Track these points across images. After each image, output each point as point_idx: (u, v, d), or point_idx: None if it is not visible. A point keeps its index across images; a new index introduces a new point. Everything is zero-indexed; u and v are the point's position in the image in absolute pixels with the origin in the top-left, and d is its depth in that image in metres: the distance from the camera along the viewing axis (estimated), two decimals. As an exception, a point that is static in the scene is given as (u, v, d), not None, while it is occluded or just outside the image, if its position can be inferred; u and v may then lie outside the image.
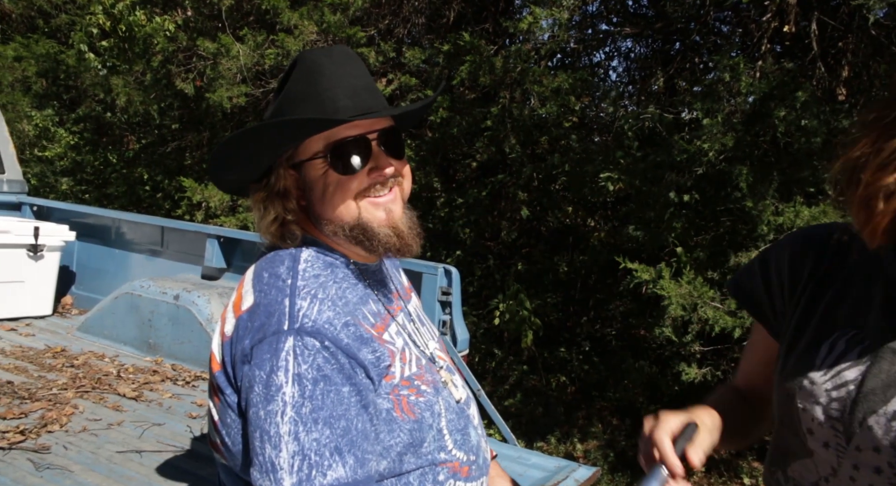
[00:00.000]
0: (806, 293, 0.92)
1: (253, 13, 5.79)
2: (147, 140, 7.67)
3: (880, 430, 0.79)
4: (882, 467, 0.79)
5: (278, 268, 1.03)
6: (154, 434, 2.40)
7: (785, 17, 4.07)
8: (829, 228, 0.95)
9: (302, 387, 0.90)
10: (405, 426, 1.00)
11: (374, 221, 1.04)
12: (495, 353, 5.78)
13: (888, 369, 0.80)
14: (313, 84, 1.04)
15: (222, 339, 1.02)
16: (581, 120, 5.36)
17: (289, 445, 0.88)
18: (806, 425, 0.86)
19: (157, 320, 3.25)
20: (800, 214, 3.31)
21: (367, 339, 0.98)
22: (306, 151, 1.04)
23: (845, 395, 0.83)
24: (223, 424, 1.00)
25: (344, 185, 1.03)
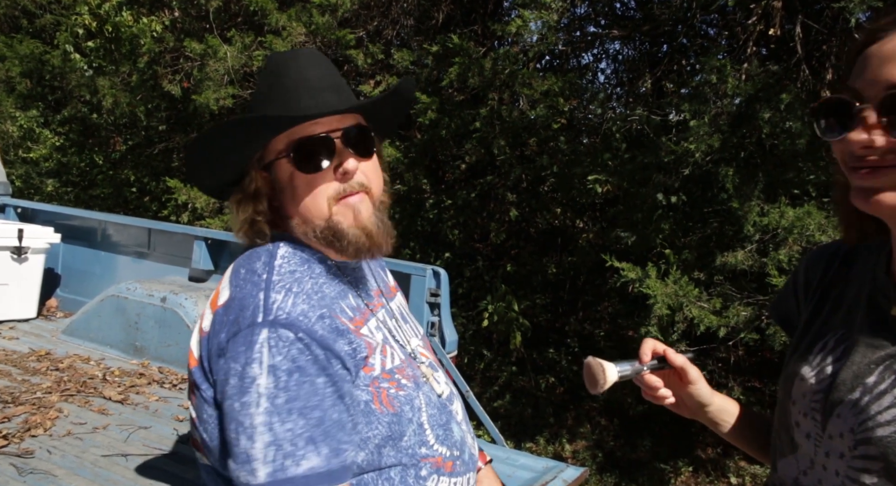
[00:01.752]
0: (813, 301, 0.98)
1: (241, 14, 5.77)
2: (134, 141, 7.62)
3: (845, 416, 0.84)
4: (844, 452, 0.83)
5: (255, 263, 1.04)
6: (140, 438, 2.38)
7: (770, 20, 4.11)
8: (841, 243, 1.00)
9: (276, 378, 0.90)
10: (384, 418, 1.00)
11: (343, 222, 1.05)
12: (484, 354, 5.79)
13: (859, 361, 0.85)
14: (277, 85, 1.05)
15: (200, 335, 1.03)
16: (569, 122, 5.38)
17: (263, 435, 0.89)
18: (794, 418, 0.91)
19: (143, 323, 3.22)
20: (784, 215, 3.34)
21: (342, 331, 0.98)
22: (272, 151, 1.06)
23: (824, 387, 0.88)
24: (201, 420, 1.00)
25: (311, 184, 1.03)
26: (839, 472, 0.84)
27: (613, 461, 4.88)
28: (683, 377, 1.04)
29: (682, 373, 1.04)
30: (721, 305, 3.70)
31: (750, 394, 4.67)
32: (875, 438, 0.79)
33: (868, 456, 0.80)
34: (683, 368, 1.03)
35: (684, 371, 1.03)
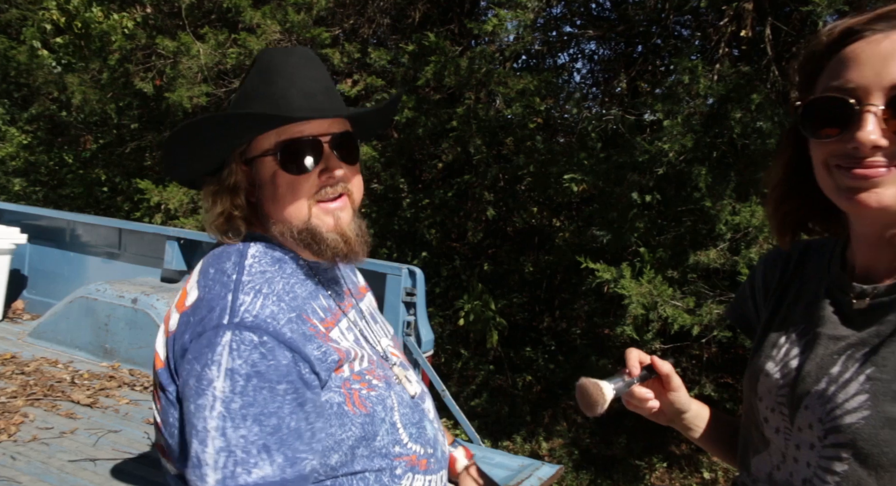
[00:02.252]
0: (772, 300, 1.00)
1: (214, 11, 5.69)
2: (105, 140, 7.47)
3: (813, 407, 0.85)
4: (814, 442, 0.85)
5: (224, 263, 1.03)
6: (110, 442, 2.33)
7: (742, 21, 4.17)
8: (795, 244, 1.02)
9: (233, 382, 0.89)
10: (357, 419, 0.99)
11: (322, 226, 1.04)
12: (461, 353, 5.79)
13: (822, 353, 0.87)
14: (269, 83, 1.04)
15: (166, 336, 1.01)
16: (545, 121, 5.41)
17: (215, 440, 0.87)
18: (763, 414, 0.93)
19: (113, 325, 3.16)
20: (755, 213, 3.39)
21: (311, 336, 0.97)
22: (258, 147, 1.04)
23: (789, 381, 0.90)
24: (166, 424, 0.99)
25: (294, 186, 1.02)
26: (811, 463, 0.85)
27: (589, 458, 4.92)
28: (667, 385, 1.04)
29: (667, 381, 1.03)
30: (694, 303, 3.75)
31: (722, 390, 4.74)
32: (844, 425, 0.81)
33: (838, 444, 0.81)
34: (669, 375, 1.03)
35: (669, 379, 1.03)
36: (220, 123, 1.02)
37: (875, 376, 0.80)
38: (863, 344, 0.83)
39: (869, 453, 0.79)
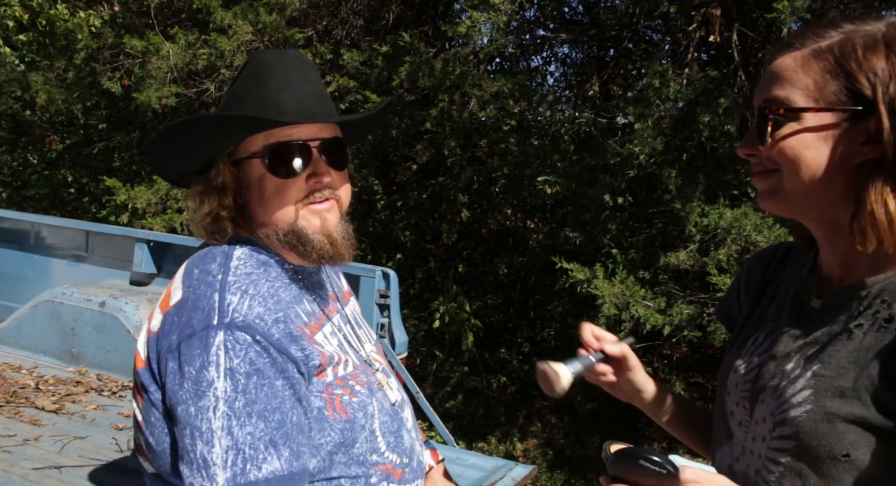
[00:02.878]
0: (751, 299, 1.05)
1: (185, 11, 5.60)
2: (71, 140, 7.31)
3: (767, 402, 0.90)
4: (765, 435, 0.89)
5: (210, 264, 1.02)
6: (76, 448, 2.28)
7: (710, 27, 4.26)
8: (779, 245, 1.08)
9: (234, 381, 0.89)
10: (336, 425, 0.99)
11: (309, 228, 1.04)
12: (436, 355, 5.79)
13: (782, 350, 0.91)
14: (261, 84, 1.04)
15: (147, 335, 1.00)
16: (519, 123, 5.44)
17: (222, 440, 0.87)
18: (729, 408, 0.97)
19: (80, 329, 3.09)
20: (723, 215, 3.46)
21: (296, 337, 0.97)
22: (246, 149, 1.04)
23: (752, 377, 0.94)
24: (147, 423, 0.98)
25: (282, 189, 1.02)
26: (761, 454, 0.89)
27: (563, 459, 4.95)
28: (623, 365, 1.09)
29: (623, 361, 1.09)
30: (665, 303, 3.81)
31: (693, 389, 4.82)
32: (789, 418, 0.85)
33: (783, 437, 0.86)
34: (624, 356, 1.08)
35: (625, 359, 1.08)
36: (210, 123, 1.02)
37: (820, 373, 0.84)
38: (815, 342, 0.88)
39: (809, 445, 0.83)
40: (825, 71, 0.82)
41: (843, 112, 0.81)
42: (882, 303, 0.83)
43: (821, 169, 0.83)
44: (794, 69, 0.85)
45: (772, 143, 0.85)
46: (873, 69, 0.79)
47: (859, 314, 0.84)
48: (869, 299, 0.84)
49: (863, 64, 0.80)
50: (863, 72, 0.80)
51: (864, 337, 0.83)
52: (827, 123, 0.82)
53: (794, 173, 0.85)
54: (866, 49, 0.81)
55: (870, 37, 0.82)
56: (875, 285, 0.84)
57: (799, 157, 0.84)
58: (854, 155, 0.82)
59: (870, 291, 0.84)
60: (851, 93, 0.81)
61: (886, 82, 0.79)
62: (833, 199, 0.84)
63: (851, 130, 0.81)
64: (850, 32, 0.83)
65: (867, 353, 0.81)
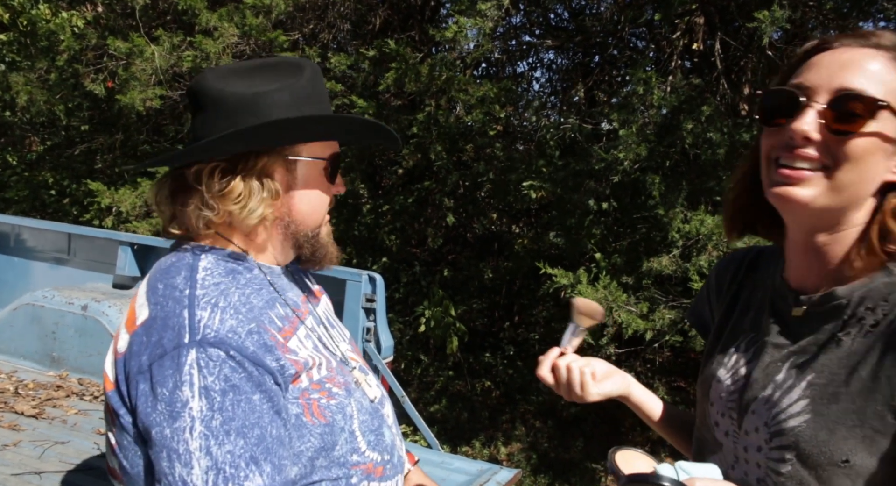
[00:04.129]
0: (723, 305, 1.05)
1: (169, 13, 5.57)
2: (53, 142, 7.22)
3: (759, 412, 0.91)
4: (761, 445, 0.90)
5: (174, 278, 0.99)
6: (56, 453, 2.25)
7: (694, 35, 4.32)
8: (749, 249, 1.08)
9: (210, 400, 0.87)
10: (315, 430, 0.99)
11: (325, 235, 1.12)
12: (421, 359, 5.79)
13: (768, 360, 0.93)
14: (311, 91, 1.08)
15: (115, 356, 0.97)
16: (505, 129, 5.47)
17: (201, 461, 0.86)
18: (713, 418, 0.98)
19: (62, 332, 3.06)
20: (704, 222, 3.51)
21: (271, 346, 0.96)
22: (310, 151, 1.08)
23: (739, 387, 0.95)
24: (120, 447, 0.95)
25: (323, 195, 1.10)
26: (760, 464, 0.90)
27: (547, 462, 4.97)
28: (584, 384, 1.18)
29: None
30: (648, 309, 3.84)
31: (675, 394, 4.86)
32: (787, 428, 0.86)
33: (782, 446, 0.87)
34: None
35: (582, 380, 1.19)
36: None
37: (814, 382, 0.86)
38: (803, 352, 0.89)
39: (810, 453, 0.84)
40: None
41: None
42: (866, 310, 0.84)
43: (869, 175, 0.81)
44: (864, 61, 0.80)
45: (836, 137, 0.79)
46: None
47: (845, 323, 0.85)
48: (852, 307, 0.85)
49: None
50: None
51: (853, 343, 0.84)
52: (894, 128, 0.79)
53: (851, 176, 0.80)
54: None
55: None
56: (855, 293, 0.85)
57: (865, 160, 0.79)
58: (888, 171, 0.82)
59: (850, 299, 0.85)
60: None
61: None
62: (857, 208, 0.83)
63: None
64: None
65: (858, 358, 0.83)
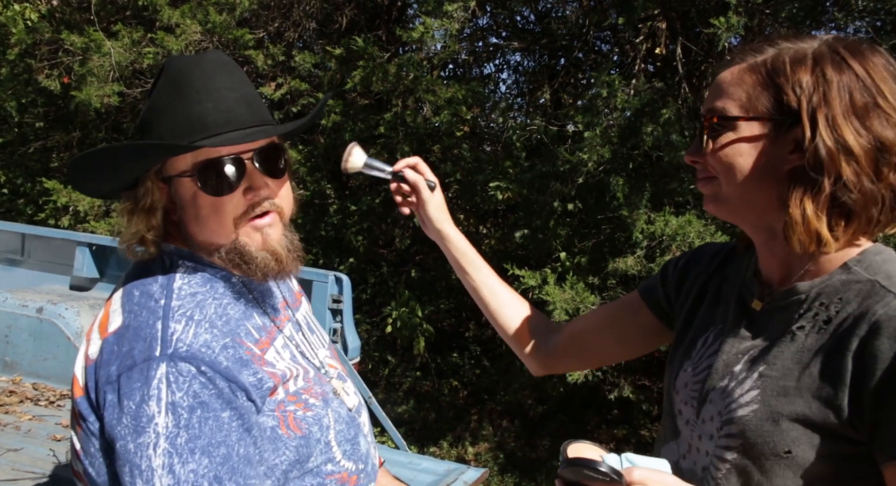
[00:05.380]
0: (692, 296, 1.09)
1: (129, 8, 5.43)
2: (5, 139, 6.97)
3: (715, 401, 0.94)
4: (713, 433, 0.93)
5: (151, 286, 0.97)
6: (9, 461, 2.18)
7: (656, 39, 4.40)
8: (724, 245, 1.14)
9: (177, 416, 0.85)
10: (291, 443, 0.97)
11: (251, 245, 0.99)
12: (388, 360, 5.77)
13: (729, 350, 0.96)
14: (180, 96, 0.96)
15: (86, 362, 0.94)
16: (472, 130, 5.49)
17: (163, 479, 0.83)
18: (677, 406, 1.01)
19: (15, 336, 2.96)
20: (668, 223, 3.58)
21: (247, 361, 0.94)
22: (174, 167, 0.97)
23: (702, 378, 0.98)
24: (86, 453, 0.93)
25: (218, 207, 0.96)
26: (708, 452, 0.93)
27: (514, 462, 5.00)
28: (417, 196, 1.23)
29: (416, 190, 1.23)
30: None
31: (640, 392, 4.95)
32: (736, 417, 0.90)
33: (730, 435, 0.90)
34: (415, 185, 1.21)
35: (416, 189, 1.22)
36: (128, 151, 0.95)
37: (765, 374, 0.89)
38: (759, 345, 0.93)
39: (754, 442, 0.87)
40: (757, 83, 0.88)
41: (771, 122, 0.87)
42: (820, 306, 0.88)
43: (753, 175, 0.89)
44: (731, 82, 0.91)
45: (710, 150, 0.91)
46: (799, 82, 0.85)
47: (800, 317, 0.89)
48: (808, 303, 0.89)
49: (790, 77, 0.86)
50: (790, 85, 0.86)
51: (806, 338, 0.88)
52: (758, 132, 0.88)
53: (730, 179, 0.91)
54: (794, 63, 0.86)
55: (799, 52, 0.87)
56: (813, 289, 0.89)
57: (733, 164, 0.90)
58: (783, 162, 0.87)
59: (808, 294, 0.89)
60: (780, 104, 0.86)
61: (810, 95, 0.84)
62: (768, 204, 0.89)
63: (780, 138, 0.87)
64: (784, 49, 0.89)
65: (809, 353, 0.86)
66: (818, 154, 0.83)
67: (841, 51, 0.86)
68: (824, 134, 0.82)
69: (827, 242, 0.85)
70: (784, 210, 0.87)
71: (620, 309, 1.22)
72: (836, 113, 0.83)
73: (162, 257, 1.02)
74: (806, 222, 0.84)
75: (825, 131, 0.82)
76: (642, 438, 4.89)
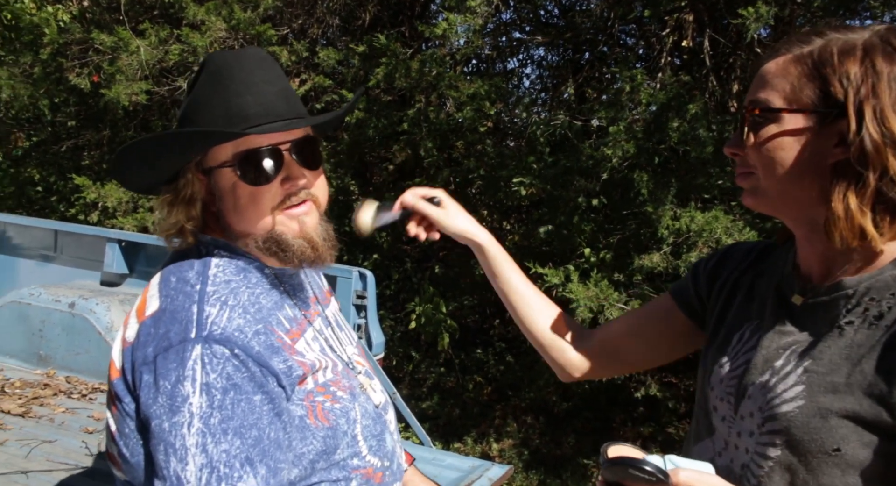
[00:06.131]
0: (724, 293, 1.06)
1: (156, 7, 5.51)
2: (38, 138, 7.14)
3: (755, 397, 0.91)
4: (753, 430, 0.91)
5: (187, 272, 0.99)
6: (44, 452, 2.23)
7: (683, 32, 4.33)
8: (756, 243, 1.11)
9: (210, 397, 0.87)
10: (318, 433, 0.98)
11: (287, 233, 1.01)
12: (413, 356, 5.79)
13: (768, 345, 0.94)
14: (221, 90, 0.99)
15: (123, 345, 0.97)
16: (495, 125, 5.47)
17: (196, 457, 0.85)
18: (712, 403, 0.99)
19: (48, 330, 3.03)
20: (694, 219, 3.52)
21: (277, 348, 0.96)
22: (215, 158, 1.00)
23: (739, 373, 0.96)
24: (121, 434, 0.95)
25: (256, 197, 0.99)
26: (749, 449, 0.91)
27: (539, 458, 4.99)
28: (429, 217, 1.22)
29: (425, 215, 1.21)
30: (639, 305, 3.86)
31: (666, 389, 4.89)
32: (780, 414, 0.87)
33: (773, 431, 0.88)
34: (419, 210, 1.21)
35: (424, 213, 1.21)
36: (173, 140, 0.98)
37: (811, 369, 0.87)
38: (805, 340, 0.90)
39: (800, 439, 0.85)
40: (803, 75, 0.85)
41: (815, 114, 0.84)
42: (871, 301, 0.86)
43: (795, 169, 0.86)
44: (775, 73, 0.88)
45: (752, 144, 0.89)
46: (847, 74, 0.82)
47: (849, 312, 0.87)
48: (857, 297, 0.87)
49: (837, 68, 0.83)
50: (836, 76, 0.83)
51: (856, 334, 0.85)
52: (801, 125, 0.85)
53: (770, 173, 0.88)
54: (842, 54, 0.83)
55: (848, 43, 0.84)
56: (861, 284, 0.87)
57: (774, 158, 0.87)
58: (827, 156, 0.85)
59: (856, 289, 0.87)
60: (826, 96, 0.84)
61: (858, 86, 0.81)
62: (810, 199, 0.87)
63: (824, 132, 0.84)
64: (833, 40, 0.86)
65: (859, 349, 0.84)
66: (864, 147, 0.80)
67: (894, 42, 0.83)
68: (871, 126, 0.80)
69: (872, 237, 0.83)
70: (826, 205, 0.84)
71: (653, 312, 1.19)
72: (885, 105, 0.80)
73: (198, 246, 1.05)
74: (850, 217, 0.82)
75: (872, 124, 0.80)
76: (669, 436, 4.83)
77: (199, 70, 1.04)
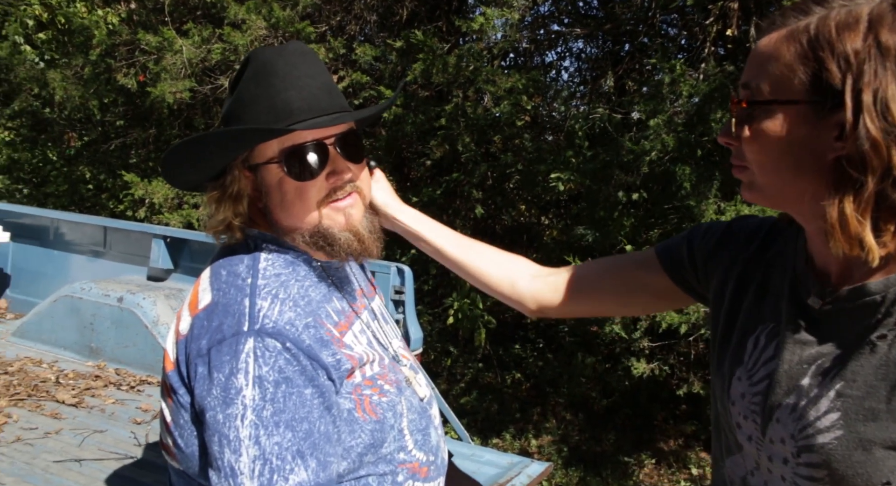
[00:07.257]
0: (731, 285, 0.95)
1: (199, 7, 5.64)
2: (89, 137, 7.39)
3: (785, 422, 0.82)
4: (788, 458, 0.82)
5: (237, 266, 1.01)
6: (95, 442, 2.31)
7: (727, 20, 4.20)
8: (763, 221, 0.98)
9: (263, 390, 0.88)
10: (367, 426, 0.99)
11: (334, 226, 1.02)
12: (451, 351, 5.80)
13: (790, 359, 0.83)
14: (265, 86, 1.00)
15: (177, 337, 0.99)
16: (533, 119, 5.42)
17: (249, 449, 0.87)
18: (735, 419, 0.89)
19: (99, 324, 3.13)
20: (740, 212, 3.43)
21: (327, 341, 0.97)
22: (261, 154, 1.01)
23: (762, 389, 0.85)
24: (176, 425, 0.98)
25: (302, 192, 1.00)
26: (785, 477, 0.82)
27: (578, 455, 4.94)
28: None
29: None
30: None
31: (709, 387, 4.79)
32: (817, 445, 0.78)
33: (812, 464, 0.79)
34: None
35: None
36: (219, 138, 1.00)
37: (845, 393, 0.77)
38: (829, 354, 0.79)
39: (843, 474, 0.76)
40: (796, 56, 0.73)
41: (810, 105, 0.73)
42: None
43: (791, 167, 0.76)
44: (766, 54, 0.76)
45: (743, 137, 0.79)
46: (845, 54, 0.69)
47: (878, 323, 0.75)
48: (886, 306, 0.75)
49: (835, 47, 0.70)
50: (834, 58, 0.70)
51: (890, 350, 0.74)
52: (795, 117, 0.74)
53: (764, 171, 0.78)
54: (842, 28, 0.70)
55: (852, 13, 0.70)
56: (890, 289, 0.75)
57: (766, 154, 0.77)
58: (827, 151, 0.73)
59: (885, 296, 0.75)
60: (820, 82, 0.71)
61: (858, 68, 0.68)
62: (815, 196, 0.75)
63: (822, 124, 0.72)
64: (835, 7, 0.72)
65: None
66: (859, 147, 0.68)
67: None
68: (868, 119, 0.67)
69: (870, 248, 0.70)
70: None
71: (629, 260, 1.12)
72: (889, 91, 0.67)
73: (247, 241, 1.06)
74: (844, 225, 0.70)
75: (870, 116, 0.67)
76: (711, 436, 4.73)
77: (241, 67, 1.04)
